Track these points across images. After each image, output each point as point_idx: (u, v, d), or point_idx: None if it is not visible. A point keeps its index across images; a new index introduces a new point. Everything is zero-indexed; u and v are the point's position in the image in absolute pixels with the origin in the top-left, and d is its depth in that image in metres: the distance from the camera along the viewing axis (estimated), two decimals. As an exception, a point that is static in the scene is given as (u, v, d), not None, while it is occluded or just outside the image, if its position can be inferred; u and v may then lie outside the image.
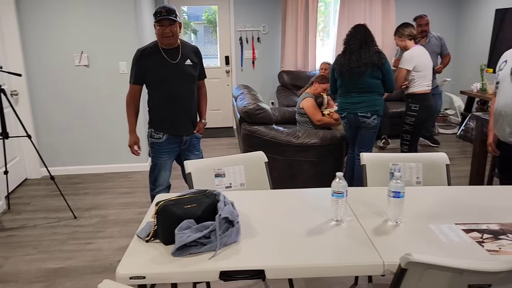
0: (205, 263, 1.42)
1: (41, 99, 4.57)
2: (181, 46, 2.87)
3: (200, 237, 1.48)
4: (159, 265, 1.42)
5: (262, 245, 1.54)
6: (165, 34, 2.72)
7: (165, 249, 1.51)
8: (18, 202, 4.03)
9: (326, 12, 7.16)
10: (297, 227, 1.68)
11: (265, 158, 2.39)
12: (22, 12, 4.31)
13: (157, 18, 2.68)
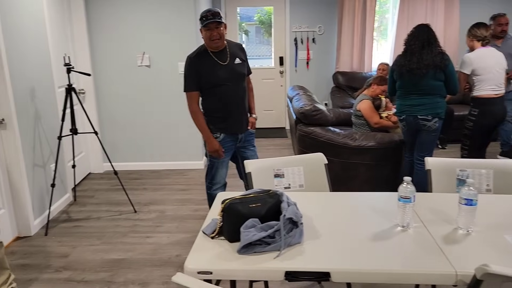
0: (270, 262, 1.43)
1: (105, 97, 4.81)
2: (228, 47, 2.89)
3: (265, 237, 1.50)
4: (225, 261, 1.45)
5: (326, 247, 1.53)
6: (213, 38, 2.73)
7: (230, 246, 1.54)
8: (83, 194, 4.26)
9: (380, 12, 6.98)
10: (361, 231, 1.65)
11: (324, 160, 2.37)
12: (91, 17, 4.56)
13: (204, 22, 2.69)
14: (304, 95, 4.31)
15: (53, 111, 3.81)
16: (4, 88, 3.05)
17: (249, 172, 2.25)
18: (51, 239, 3.32)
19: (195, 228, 3.46)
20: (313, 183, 2.34)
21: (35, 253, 3.10)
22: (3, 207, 3.15)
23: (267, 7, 6.67)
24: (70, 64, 3.43)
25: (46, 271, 2.86)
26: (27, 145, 3.35)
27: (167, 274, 2.79)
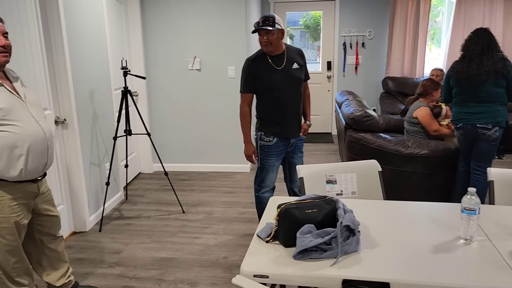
0: (327, 269, 1.41)
1: (156, 99, 4.95)
2: (286, 51, 2.91)
3: (321, 243, 1.48)
4: (280, 266, 1.44)
5: (384, 257, 1.49)
6: (263, 43, 2.80)
7: (285, 251, 1.54)
8: (134, 193, 4.41)
9: (431, 16, 6.74)
10: (421, 241, 1.60)
11: (378, 167, 2.32)
12: (145, 23, 4.72)
13: (255, 28, 2.77)
14: (354, 100, 4.24)
15: (109, 113, 3.97)
16: (67, 91, 3.21)
17: (301, 177, 2.24)
18: (105, 235, 3.45)
19: (242, 230, 3.49)
20: (366, 191, 2.29)
21: (90, 248, 3.23)
22: (62, 203, 3.31)
23: (314, 12, 6.64)
24: (127, 68, 3.56)
25: (100, 266, 2.97)
26: (85, 145, 3.50)
27: (215, 275, 2.82)
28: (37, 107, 2.16)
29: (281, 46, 2.87)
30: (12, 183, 2.05)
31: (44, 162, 2.15)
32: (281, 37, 2.83)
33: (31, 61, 2.87)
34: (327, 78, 6.75)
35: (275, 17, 2.75)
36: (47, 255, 2.38)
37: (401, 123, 4.92)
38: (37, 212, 2.26)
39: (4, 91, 1.99)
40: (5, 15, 2.60)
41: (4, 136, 1.95)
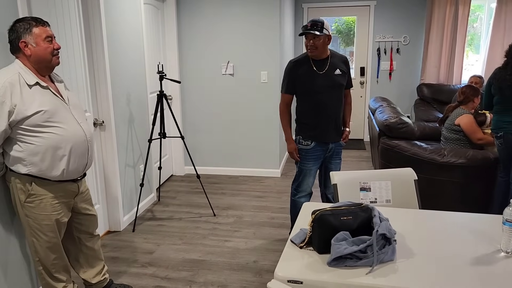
0: (362, 277, 1.40)
1: (190, 103, 5.03)
2: (330, 56, 2.93)
3: (356, 251, 1.47)
4: (315, 272, 1.44)
5: (421, 267, 1.46)
6: (308, 47, 2.85)
7: (319, 258, 1.53)
8: (166, 195, 4.48)
9: (469, 20, 6.56)
10: (459, 253, 1.56)
11: (414, 176, 2.28)
12: (181, 28, 4.81)
13: (302, 31, 2.81)
14: (388, 107, 4.18)
15: (144, 115, 4.07)
16: (106, 94, 3.32)
17: (335, 184, 2.22)
18: (138, 235, 3.52)
19: (272, 235, 3.49)
20: (401, 199, 2.25)
21: (124, 248, 3.31)
22: (98, 203, 3.41)
23: (347, 17, 6.59)
24: (163, 72, 3.64)
25: (134, 265, 3.03)
26: (121, 146, 3.60)
27: (245, 279, 2.83)
28: (79, 110, 2.24)
29: (326, 51, 2.90)
30: (54, 182, 2.13)
31: (85, 163, 2.23)
32: (327, 43, 2.85)
33: (73, 66, 2.98)
34: (360, 84, 6.68)
35: (323, 23, 2.78)
36: (84, 253, 2.46)
37: (436, 131, 4.80)
38: (76, 210, 2.34)
39: (49, 94, 2.08)
40: (50, 21, 2.71)
41: (48, 138, 2.03)
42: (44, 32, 2.05)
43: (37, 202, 2.10)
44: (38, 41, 2.03)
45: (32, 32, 2.02)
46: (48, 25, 2.09)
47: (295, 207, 3.18)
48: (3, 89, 1.92)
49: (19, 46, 2.03)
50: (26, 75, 2.02)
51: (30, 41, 2.02)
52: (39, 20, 2.06)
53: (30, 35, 2.02)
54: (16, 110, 1.95)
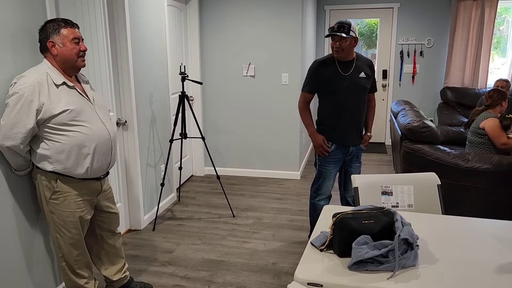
0: (383, 282, 1.38)
1: (210, 104, 5.07)
2: (356, 59, 2.91)
3: (378, 255, 1.45)
4: (335, 276, 1.43)
5: (443, 274, 1.43)
6: (335, 49, 2.84)
7: (340, 261, 1.52)
8: (186, 195, 4.52)
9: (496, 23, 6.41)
10: (484, 260, 1.52)
11: (437, 181, 2.24)
12: (203, 30, 4.85)
13: (329, 32, 2.80)
14: (410, 110, 4.12)
15: (166, 116, 4.11)
16: (129, 94, 3.37)
17: (356, 187, 2.20)
18: (158, 234, 3.56)
19: (291, 237, 3.48)
20: (423, 204, 2.22)
21: (144, 246, 3.35)
22: (119, 201, 3.46)
23: (369, 19, 6.53)
24: (185, 73, 3.68)
25: (153, 263, 3.07)
26: (143, 146, 3.65)
27: (263, 280, 2.83)
28: (103, 109, 2.28)
29: (352, 54, 2.88)
30: (79, 180, 2.17)
31: (108, 162, 2.27)
32: (353, 45, 2.83)
33: (98, 67, 3.04)
34: (382, 87, 6.60)
35: (351, 24, 2.76)
36: (106, 250, 2.50)
37: (460, 135, 4.72)
38: (99, 208, 2.38)
39: (75, 93, 2.12)
40: (77, 21, 2.78)
41: (74, 136, 2.08)
42: (72, 33, 2.09)
43: (61, 199, 2.15)
44: (65, 42, 2.08)
45: (60, 33, 2.07)
46: (77, 27, 2.14)
47: (314, 210, 3.16)
48: (31, 88, 1.98)
49: (47, 46, 2.08)
50: (54, 75, 2.07)
51: (58, 42, 2.07)
52: (68, 21, 2.11)
53: (58, 36, 2.07)
54: (44, 109, 2.00)
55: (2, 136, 2.00)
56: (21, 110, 1.97)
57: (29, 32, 2.25)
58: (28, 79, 2.00)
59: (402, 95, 6.53)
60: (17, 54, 2.18)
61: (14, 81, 2.03)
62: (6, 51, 2.11)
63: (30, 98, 1.97)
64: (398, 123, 4.06)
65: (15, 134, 1.99)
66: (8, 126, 1.98)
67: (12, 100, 1.97)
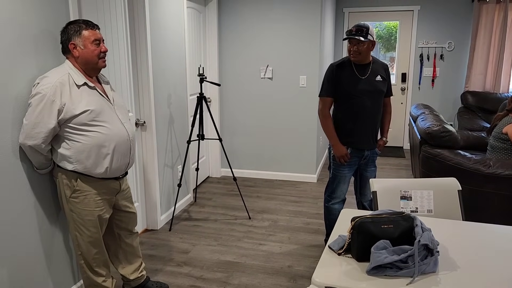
0: (402, 288, 1.36)
1: (228, 106, 5.08)
2: (372, 63, 2.89)
3: (397, 260, 1.43)
4: (353, 280, 1.41)
5: (464, 281, 1.40)
6: (352, 52, 2.82)
7: (358, 265, 1.50)
8: (202, 196, 4.54)
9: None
10: (504, 268, 1.49)
11: (458, 186, 2.20)
12: (222, 32, 4.88)
13: (347, 35, 2.78)
14: (430, 114, 4.06)
15: (184, 117, 4.14)
16: (148, 96, 3.40)
17: (375, 191, 2.18)
18: (174, 234, 3.58)
19: (307, 241, 3.45)
20: (443, 210, 2.18)
21: (160, 246, 3.37)
22: (137, 201, 3.49)
23: (388, 22, 6.47)
24: (204, 75, 3.70)
25: (170, 264, 3.09)
26: (161, 147, 3.68)
27: (279, 283, 2.82)
28: (123, 110, 2.31)
29: (368, 57, 2.87)
30: (98, 179, 2.20)
31: (127, 162, 2.29)
32: (371, 49, 2.81)
33: (118, 68, 3.08)
34: (401, 90, 6.53)
35: (369, 28, 2.74)
36: (123, 249, 2.52)
37: (481, 141, 4.63)
38: (117, 208, 2.41)
39: (96, 94, 2.15)
40: (99, 23, 2.82)
41: (94, 136, 2.11)
42: (93, 35, 2.13)
43: (81, 197, 2.18)
44: (86, 43, 2.11)
45: (82, 34, 2.10)
46: (98, 28, 2.17)
47: (329, 213, 3.14)
48: (53, 88, 2.01)
49: (68, 48, 2.12)
50: (75, 76, 2.10)
51: (79, 43, 2.11)
52: (89, 23, 2.14)
53: (79, 38, 2.10)
54: (65, 109, 2.03)
55: (25, 135, 2.04)
56: (43, 110, 2.00)
57: (52, 34, 2.30)
58: (50, 79, 2.04)
59: (421, 99, 6.44)
60: (40, 55, 2.22)
61: (37, 82, 2.07)
62: (29, 52, 2.16)
63: (52, 98, 2.00)
64: (418, 127, 4.00)
65: (37, 134, 2.03)
66: (30, 126, 2.02)
67: (34, 100, 2.01)
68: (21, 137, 2.06)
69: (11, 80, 2.05)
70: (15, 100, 2.08)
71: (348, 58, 2.90)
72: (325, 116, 2.96)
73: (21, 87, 2.11)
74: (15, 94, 2.08)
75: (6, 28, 2.01)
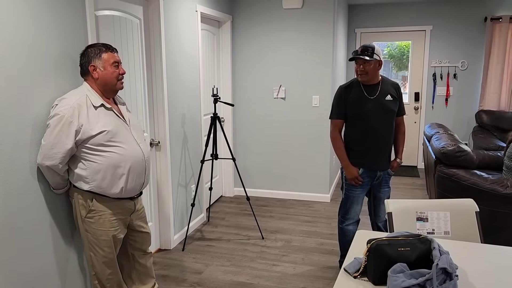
0: (421, 313, 1.33)
1: (241, 126, 5.11)
2: (381, 82, 2.89)
3: (415, 284, 1.40)
4: (370, 305, 1.39)
5: (486, 306, 1.37)
6: (359, 72, 2.83)
7: (374, 289, 1.48)
8: (215, 216, 4.53)
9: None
10: (528, 294, 1.45)
11: (475, 207, 2.16)
12: (235, 52, 4.95)
13: (353, 56, 2.81)
14: (444, 134, 4.03)
15: (198, 137, 4.18)
16: (163, 116, 3.45)
17: (390, 212, 2.16)
18: (187, 254, 3.57)
19: (321, 262, 3.41)
20: (461, 231, 2.14)
21: (174, 266, 3.36)
22: (150, 220, 3.50)
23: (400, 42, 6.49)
24: (217, 95, 3.74)
25: (183, 284, 3.07)
26: (175, 166, 3.70)
27: (293, 306, 2.78)
28: (138, 130, 2.34)
29: (377, 77, 2.87)
30: (113, 199, 2.22)
31: (142, 182, 2.31)
32: (378, 68, 2.82)
33: (134, 89, 3.14)
34: (414, 109, 6.50)
35: (374, 48, 2.75)
36: (137, 269, 2.52)
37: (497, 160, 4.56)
38: (132, 228, 2.42)
39: (112, 115, 2.19)
40: (116, 46, 2.89)
41: (110, 157, 2.14)
42: (112, 57, 2.18)
43: (96, 217, 2.20)
44: (106, 65, 2.16)
45: (102, 57, 2.16)
46: (116, 51, 2.23)
47: (343, 235, 3.11)
48: (71, 109, 2.06)
49: (88, 69, 2.17)
50: (93, 97, 2.15)
51: (99, 65, 2.16)
52: (108, 46, 2.20)
53: (99, 60, 2.16)
54: (82, 130, 2.07)
55: (43, 155, 2.08)
56: (61, 131, 2.04)
57: (71, 56, 2.36)
58: (68, 101, 2.08)
59: (435, 118, 6.40)
60: (59, 77, 2.28)
61: (56, 103, 2.12)
62: (49, 75, 2.21)
63: (70, 119, 2.05)
64: (432, 146, 3.97)
65: (55, 154, 2.06)
66: (48, 146, 2.06)
67: (53, 121, 2.06)
68: (39, 157, 2.10)
69: (30, 101, 2.11)
70: (33, 121, 2.13)
71: (357, 79, 2.91)
72: (335, 139, 2.97)
73: (40, 108, 2.16)
74: (34, 115, 2.13)
75: (28, 51, 2.08)
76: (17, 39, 2.02)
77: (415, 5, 6.19)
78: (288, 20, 4.73)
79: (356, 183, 2.94)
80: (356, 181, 2.93)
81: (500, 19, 5.80)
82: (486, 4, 5.93)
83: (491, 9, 5.93)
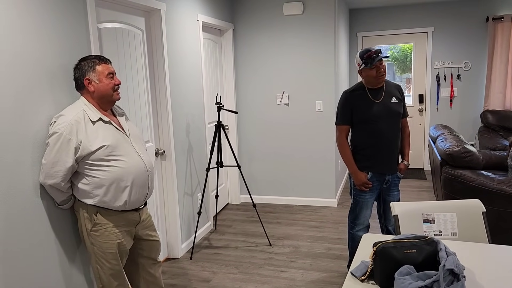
0: (429, 315, 1.33)
1: (246, 133, 5.13)
2: (385, 85, 2.90)
3: (422, 286, 1.40)
4: (378, 308, 1.39)
5: (494, 307, 1.36)
6: (381, 73, 2.78)
7: (382, 293, 1.48)
8: (222, 224, 4.53)
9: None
10: (537, 293, 1.44)
11: (482, 208, 2.15)
12: (238, 60, 4.98)
13: (373, 61, 2.73)
14: (450, 135, 4.02)
15: (202, 145, 4.19)
16: (167, 125, 3.47)
17: (396, 215, 2.15)
18: (195, 263, 3.57)
19: (330, 267, 3.40)
20: (468, 232, 2.13)
21: (182, 275, 3.36)
22: (158, 229, 3.51)
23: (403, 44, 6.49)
24: (221, 103, 3.76)
25: (191, 293, 3.07)
26: (180, 175, 3.72)
27: (302, 312, 2.77)
28: (139, 141, 2.34)
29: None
30: (117, 212, 2.23)
31: (145, 193, 2.32)
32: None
33: (138, 99, 3.17)
34: (419, 111, 6.48)
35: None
36: (145, 279, 2.52)
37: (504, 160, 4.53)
38: (139, 237, 2.42)
39: (111, 128, 2.19)
40: (118, 59, 2.92)
41: (111, 171, 2.14)
42: (106, 69, 2.19)
43: (101, 231, 2.20)
44: (101, 78, 2.17)
45: (96, 69, 2.16)
46: (109, 62, 2.23)
47: (353, 241, 3.09)
48: (69, 127, 2.06)
49: (83, 83, 2.17)
50: (90, 112, 2.14)
51: (94, 78, 2.16)
52: (101, 58, 2.20)
53: (94, 73, 2.16)
54: (82, 146, 2.07)
55: (44, 174, 2.09)
56: (61, 149, 2.05)
57: (68, 71, 2.36)
58: (66, 118, 2.08)
59: (440, 119, 6.38)
60: (56, 93, 2.27)
61: (54, 120, 2.12)
62: (53, 90, 2.23)
63: (69, 136, 2.05)
64: (437, 148, 3.96)
65: (56, 173, 2.07)
66: (49, 165, 2.07)
67: (52, 140, 2.07)
68: (41, 176, 2.11)
69: (31, 120, 2.10)
70: (33, 139, 2.12)
71: (361, 83, 2.91)
72: (342, 145, 2.95)
73: (39, 125, 2.15)
74: (34, 132, 2.12)
75: (34, 67, 2.10)
76: (24, 56, 2.04)
77: (416, 7, 6.20)
78: (290, 27, 4.76)
79: (365, 188, 2.92)
80: (365, 187, 2.92)
81: (502, 18, 5.79)
82: (488, 4, 5.93)
83: (492, 9, 5.92)
